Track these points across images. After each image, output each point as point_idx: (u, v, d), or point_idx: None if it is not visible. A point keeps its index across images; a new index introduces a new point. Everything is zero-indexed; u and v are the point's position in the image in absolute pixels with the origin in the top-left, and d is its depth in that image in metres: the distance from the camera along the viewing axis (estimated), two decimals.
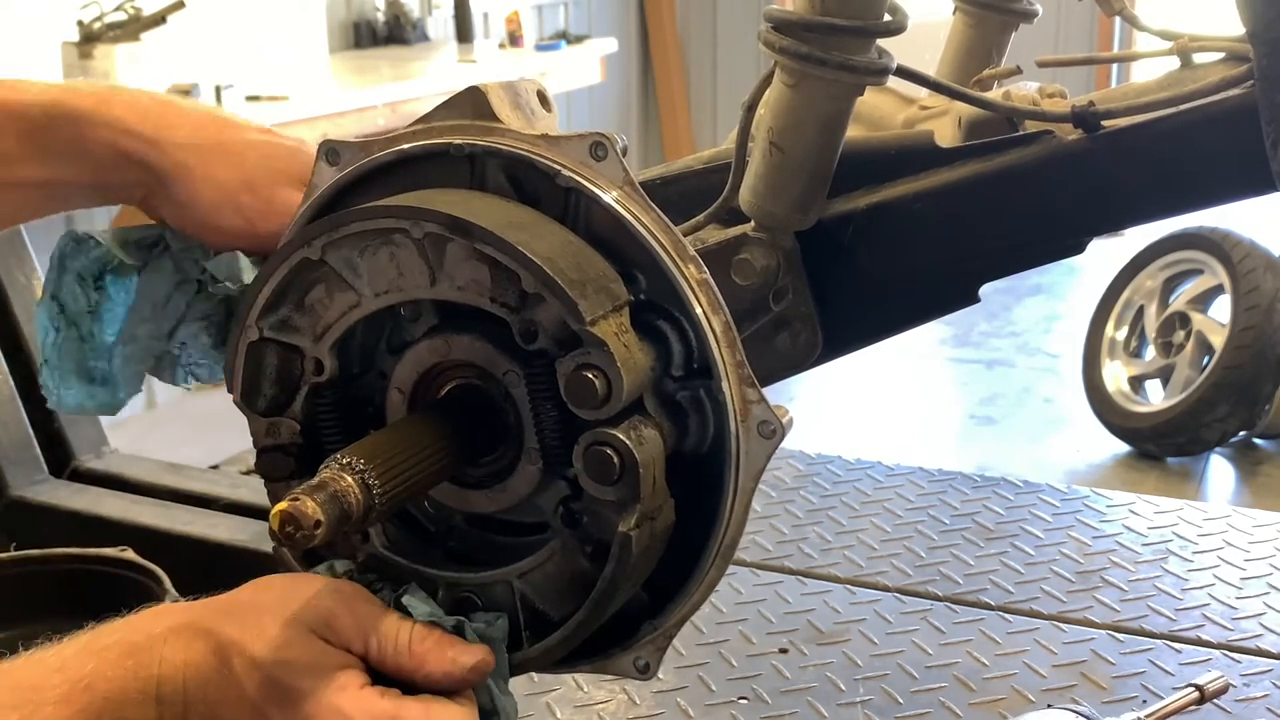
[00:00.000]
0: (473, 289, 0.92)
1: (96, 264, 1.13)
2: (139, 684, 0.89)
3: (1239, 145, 1.00)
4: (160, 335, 1.17)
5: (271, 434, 1.00)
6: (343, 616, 0.92)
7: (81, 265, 1.13)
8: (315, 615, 0.92)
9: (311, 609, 0.92)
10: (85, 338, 1.15)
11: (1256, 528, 1.90)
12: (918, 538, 1.88)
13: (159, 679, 0.90)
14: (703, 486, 0.96)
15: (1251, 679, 1.51)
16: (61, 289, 1.14)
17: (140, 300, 1.15)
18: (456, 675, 0.92)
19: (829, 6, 1.02)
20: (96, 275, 1.14)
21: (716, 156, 1.24)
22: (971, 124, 1.17)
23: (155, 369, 1.20)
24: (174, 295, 1.16)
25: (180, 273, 1.15)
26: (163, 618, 0.94)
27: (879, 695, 1.50)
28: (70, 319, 1.15)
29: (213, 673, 0.90)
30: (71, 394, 1.17)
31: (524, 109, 1.01)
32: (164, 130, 1.11)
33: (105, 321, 1.14)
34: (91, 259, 1.13)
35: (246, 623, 0.91)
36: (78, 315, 1.14)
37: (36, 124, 1.10)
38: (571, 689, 1.51)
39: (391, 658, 0.92)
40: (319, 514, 0.84)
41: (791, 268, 1.11)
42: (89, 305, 1.14)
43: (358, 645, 0.92)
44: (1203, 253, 5.37)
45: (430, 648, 0.92)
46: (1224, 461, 5.38)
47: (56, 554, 1.56)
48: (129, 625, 0.94)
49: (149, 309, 1.15)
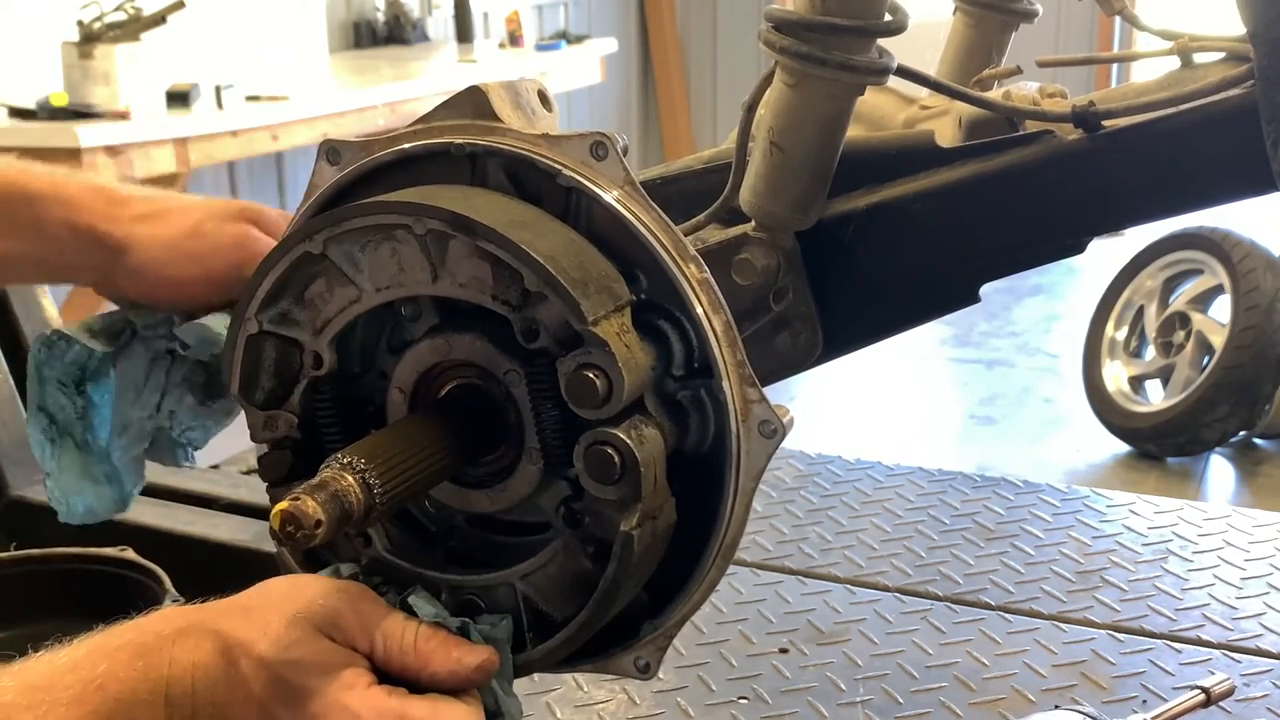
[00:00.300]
0: (474, 286, 0.92)
1: (74, 368, 1.16)
2: (149, 685, 0.90)
3: (1239, 145, 1.00)
4: (149, 414, 1.18)
5: (269, 427, 1.00)
6: (348, 615, 0.92)
7: (60, 371, 1.16)
8: (321, 614, 0.92)
9: (318, 608, 0.92)
10: (81, 445, 1.17)
11: (1256, 528, 1.90)
12: (918, 538, 1.88)
13: (168, 680, 0.90)
14: (703, 486, 0.96)
15: (1251, 679, 1.51)
16: (46, 400, 1.17)
17: (121, 389, 1.17)
18: (462, 674, 0.92)
19: (829, 6, 1.02)
20: (77, 380, 1.16)
21: (716, 156, 1.24)
22: (972, 124, 1.17)
23: (153, 452, 1.21)
24: (152, 373, 1.17)
25: (151, 350, 1.18)
26: (171, 620, 0.94)
27: (879, 695, 1.50)
28: (63, 429, 1.17)
29: (220, 673, 0.90)
30: (80, 501, 1.19)
31: (525, 109, 1.01)
32: (114, 206, 1.15)
33: (96, 425, 1.17)
34: (68, 363, 1.16)
35: (253, 623, 0.92)
36: (69, 425, 1.17)
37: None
38: (572, 689, 1.51)
39: (397, 657, 0.92)
40: (320, 513, 0.84)
41: (792, 267, 1.11)
42: (77, 413, 1.16)
43: (363, 644, 0.92)
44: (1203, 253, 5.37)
45: (436, 647, 0.92)
46: (1224, 461, 5.38)
47: (57, 554, 1.56)
48: (138, 627, 0.94)
49: (132, 394, 1.17)
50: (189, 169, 4.57)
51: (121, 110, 4.30)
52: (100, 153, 4.15)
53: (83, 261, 1.15)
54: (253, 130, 4.77)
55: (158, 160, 4.39)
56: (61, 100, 4.29)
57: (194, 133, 4.52)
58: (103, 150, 4.17)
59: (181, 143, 4.46)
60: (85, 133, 4.10)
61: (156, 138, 4.37)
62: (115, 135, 4.22)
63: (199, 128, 4.54)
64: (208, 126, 4.58)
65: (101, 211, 1.14)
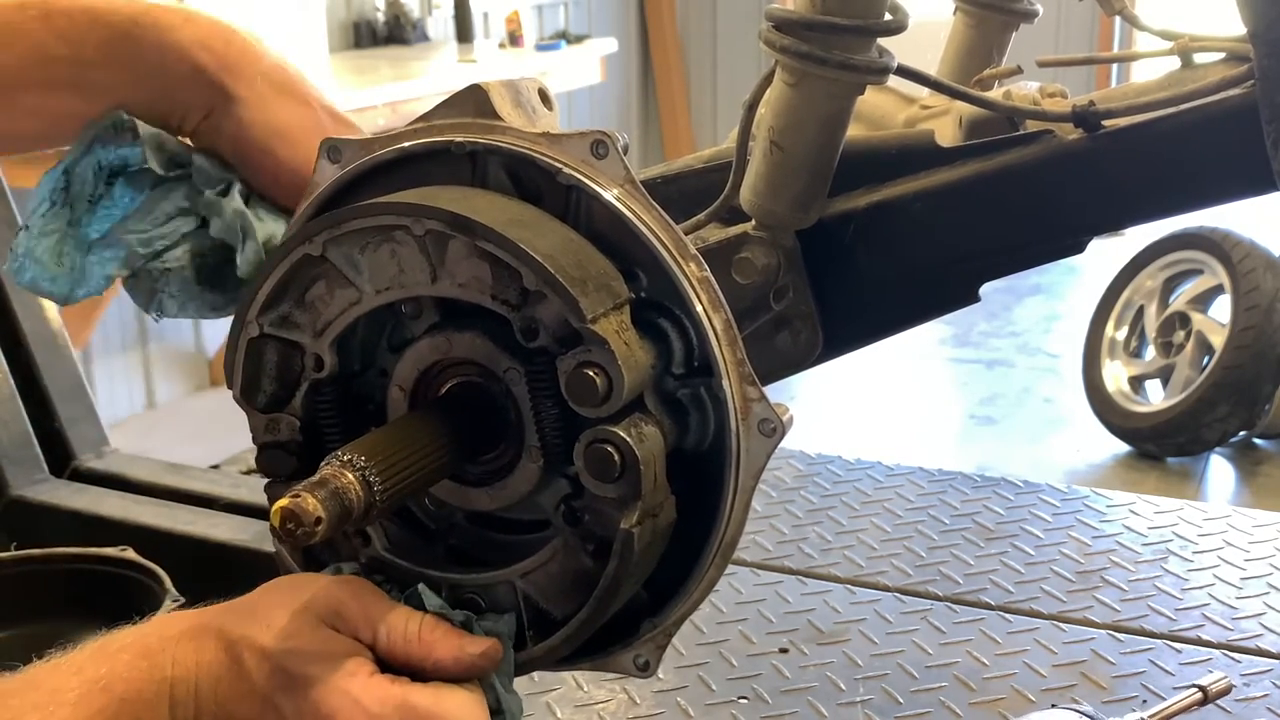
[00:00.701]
0: (474, 286, 0.92)
1: (119, 159, 1.12)
2: (154, 686, 0.90)
3: (1239, 145, 1.00)
4: (146, 247, 1.14)
5: (271, 430, 1.01)
6: (351, 606, 0.93)
7: (108, 155, 1.12)
8: (324, 605, 0.92)
9: (320, 600, 0.92)
10: (72, 223, 1.14)
11: (1256, 528, 1.90)
12: (918, 538, 1.88)
13: (172, 680, 0.90)
14: (703, 485, 0.96)
15: (1251, 679, 1.51)
16: (76, 167, 1.13)
17: (140, 211, 1.13)
18: (466, 661, 0.92)
19: (830, 6, 1.02)
20: (114, 170, 1.13)
21: (717, 156, 1.24)
22: (972, 123, 1.17)
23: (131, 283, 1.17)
24: (175, 219, 1.14)
25: (190, 201, 1.13)
26: (174, 623, 0.94)
27: (879, 695, 1.50)
28: (70, 199, 1.14)
29: (224, 670, 0.91)
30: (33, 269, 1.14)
31: (525, 107, 1.01)
32: (244, 56, 1.11)
33: (97, 218, 1.13)
34: (118, 154, 1.12)
35: (256, 619, 0.92)
36: (77, 199, 1.13)
37: (120, 31, 1.10)
38: (572, 688, 1.51)
39: (400, 646, 0.92)
40: (320, 511, 0.84)
41: (792, 266, 1.11)
42: (91, 197, 1.13)
43: (366, 634, 0.92)
44: (1203, 253, 5.37)
45: (440, 636, 0.93)
46: (1224, 461, 5.39)
47: (57, 554, 1.56)
48: (142, 630, 0.94)
49: (146, 222, 1.14)
50: None
51: None
52: None
53: (195, 100, 1.11)
54: None
55: None
56: None
57: None
58: None
59: None
60: None
61: None
62: None
63: None
64: None
65: (228, 59, 1.10)
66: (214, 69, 1.10)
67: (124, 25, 1.10)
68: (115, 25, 1.10)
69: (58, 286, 1.15)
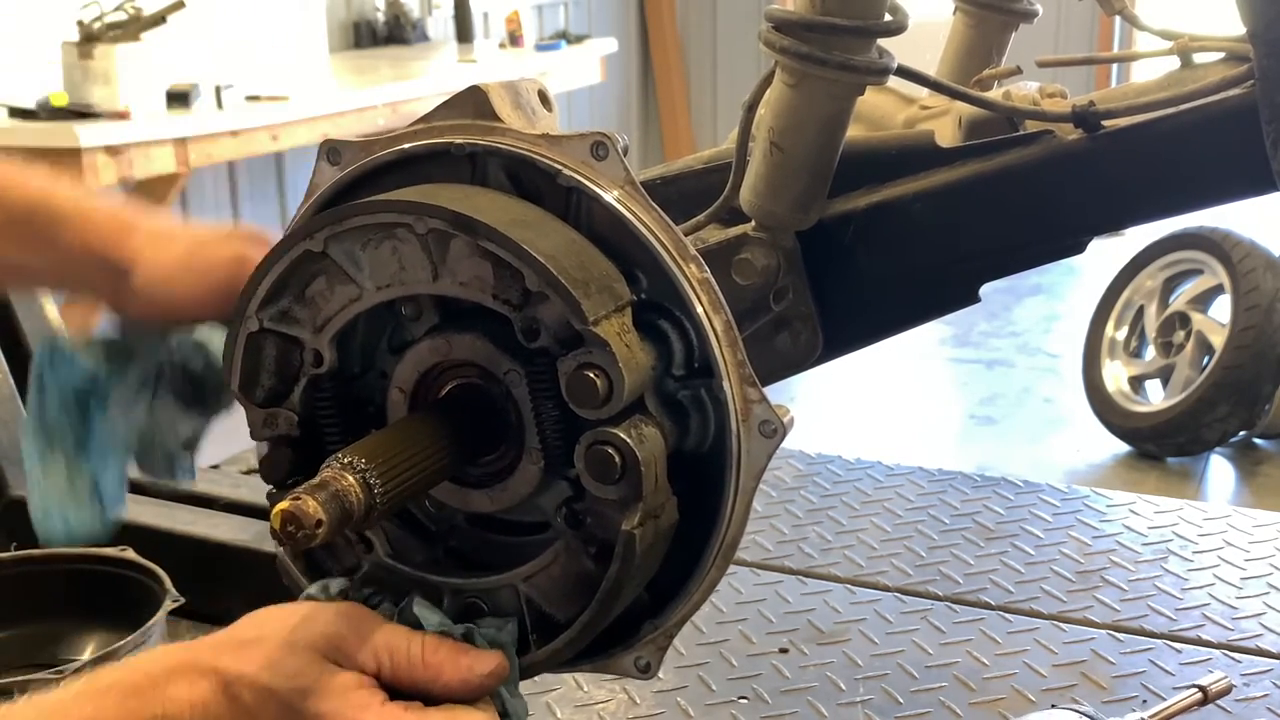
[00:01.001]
0: (475, 285, 0.92)
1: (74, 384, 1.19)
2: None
3: (1239, 145, 1.00)
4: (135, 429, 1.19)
5: (269, 425, 1.00)
6: (350, 638, 0.92)
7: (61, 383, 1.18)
8: (324, 640, 0.91)
9: (319, 634, 0.91)
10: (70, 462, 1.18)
11: (1256, 528, 1.90)
12: (918, 538, 1.88)
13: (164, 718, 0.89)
14: (704, 486, 0.96)
15: (1251, 679, 1.51)
16: (45, 410, 1.18)
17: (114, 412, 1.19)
18: (474, 683, 0.92)
19: (830, 6, 1.02)
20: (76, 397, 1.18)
21: (716, 156, 1.24)
22: (972, 124, 1.17)
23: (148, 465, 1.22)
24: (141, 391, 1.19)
25: (143, 371, 1.20)
26: (161, 658, 0.93)
27: (879, 695, 1.50)
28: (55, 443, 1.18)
29: (222, 709, 0.90)
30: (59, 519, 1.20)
31: (525, 108, 1.01)
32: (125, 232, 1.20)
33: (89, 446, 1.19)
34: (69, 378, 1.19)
35: (252, 655, 0.91)
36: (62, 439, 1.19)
37: (16, 216, 1.21)
38: (572, 689, 1.51)
39: (406, 672, 0.91)
40: (320, 513, 0.84)
41: (792, 267, 1.11)
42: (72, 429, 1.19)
43: (370, 664, 0.91)
44: (1203, 253, 5.37)
45: (444, 658, 0.92)
46: (1224, 461, 5.38)
47: (57, 554, 1.56)
48: (127, 667, 0.93)
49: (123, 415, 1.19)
50: (189, 169, 4.57)
51: (121, 110, 4.30)
52: (100, 153, 4.15)
53: (93, 279, 1.21)
54: (253, 130, 4.77)
55: (157, 160, 4.38)
56: (61, 100, 4.29)
57: (194, 133, 4.51)
58: (102, 150, 4.16)
59: (181, 143, 4.46)
60: (85, 133, 4.10)
61: (156, 138, 4.37)
62: (115, 135, 4.22)
63: (199, 128, 4.54)
64: (208, 126, 4.58)
65: (114, 236, 1.20)
66: (100, 250, 1.20)
67: (20, 213, 1.22)
68: (12, 211, 1.22)
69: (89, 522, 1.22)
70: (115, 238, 1.20)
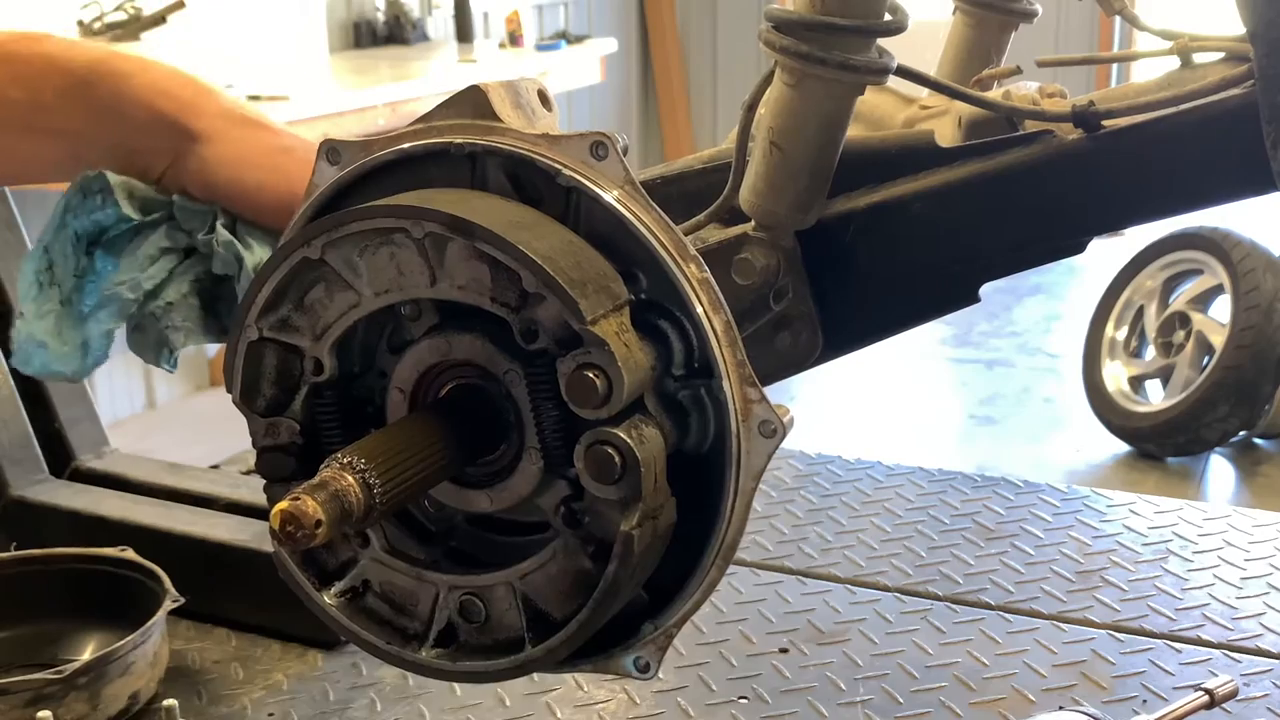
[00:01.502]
0: (473, 288, 0.92)
1: (95, 226, 1.12)
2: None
3: (1239, 145, 1.00)
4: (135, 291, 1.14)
5: (271, 434, 1.00)
6: None
7: (81, 224, 1.12)
8: None
9: None
10: (64, 302, 1.14)
11: (1256, 528, 1.90)
12: (918, 538, 1.88)
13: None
14: (703, 486, 0.96)
15: (1251, 679, 1.51)
16: (55, 244, 1.13)
17: (126, 265, 1.14)
18: None
19: (829, 6, 1.02)
20: (91, 239, 1.13)
21: (716, 156, 1.24)
22: (972, 124, 1.17)
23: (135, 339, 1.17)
24: (160, 259, 1.14)
25: (173, 239, 1.14)
26: None
27: (879, 695, 1.50)
28: (56, 279, 1.14)
29: None
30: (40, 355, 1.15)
31: (525, 108, 1.01)
32: (201, 97, 1.12)
33: (87, 290, 1.14)
34: (92, 220, 1.12)
35: None
36: (64, 277, 1.14)
37: (78, 79, 1.12)
38: (571, 689, 1.51)
39: None
40: (320, 513, 0.84)
41: (792, 267, 1.11)
42: (76, 271, 1.13)
43: None
44: (1203, 253, 5.38)
45: None
46: (1224, 461, 5.39)
47: (57, 554, 1.56)
48: None
49: (132, 273, 1.14)
50: None
51: None
52: None
53: (156, 145, 1.12)
54: None
55: None
56: None
57: None
58: None
59: None
60: None
61: None
62: None
63: None
64: None
65: (186, 100, 1.12)
66: (172, 112, 1.11)
67: (81, 73, 1.12)
68: (73, 72, 1.12)
69: (68, 365, 1.16)
70: (188, 102, 1.12)
